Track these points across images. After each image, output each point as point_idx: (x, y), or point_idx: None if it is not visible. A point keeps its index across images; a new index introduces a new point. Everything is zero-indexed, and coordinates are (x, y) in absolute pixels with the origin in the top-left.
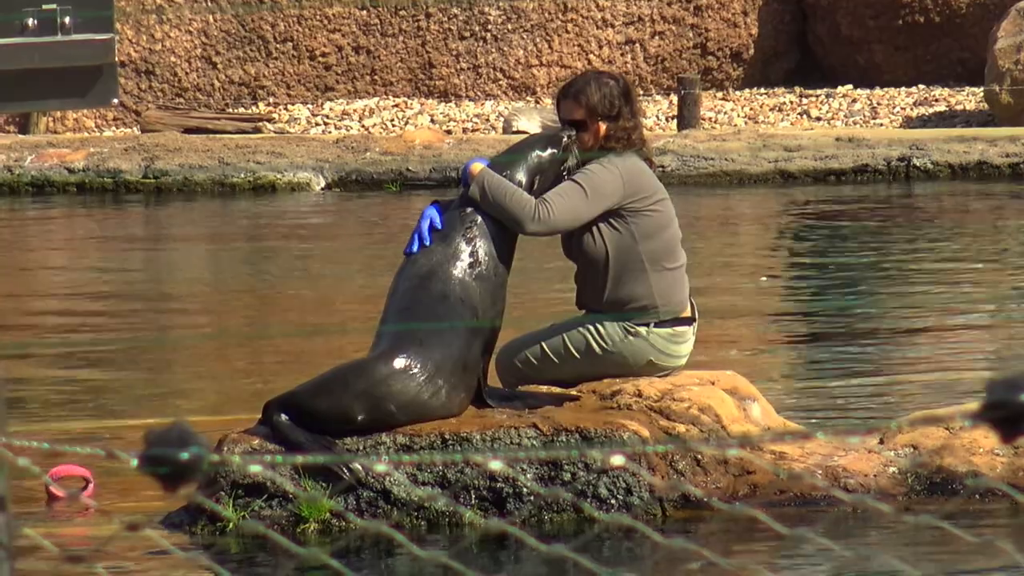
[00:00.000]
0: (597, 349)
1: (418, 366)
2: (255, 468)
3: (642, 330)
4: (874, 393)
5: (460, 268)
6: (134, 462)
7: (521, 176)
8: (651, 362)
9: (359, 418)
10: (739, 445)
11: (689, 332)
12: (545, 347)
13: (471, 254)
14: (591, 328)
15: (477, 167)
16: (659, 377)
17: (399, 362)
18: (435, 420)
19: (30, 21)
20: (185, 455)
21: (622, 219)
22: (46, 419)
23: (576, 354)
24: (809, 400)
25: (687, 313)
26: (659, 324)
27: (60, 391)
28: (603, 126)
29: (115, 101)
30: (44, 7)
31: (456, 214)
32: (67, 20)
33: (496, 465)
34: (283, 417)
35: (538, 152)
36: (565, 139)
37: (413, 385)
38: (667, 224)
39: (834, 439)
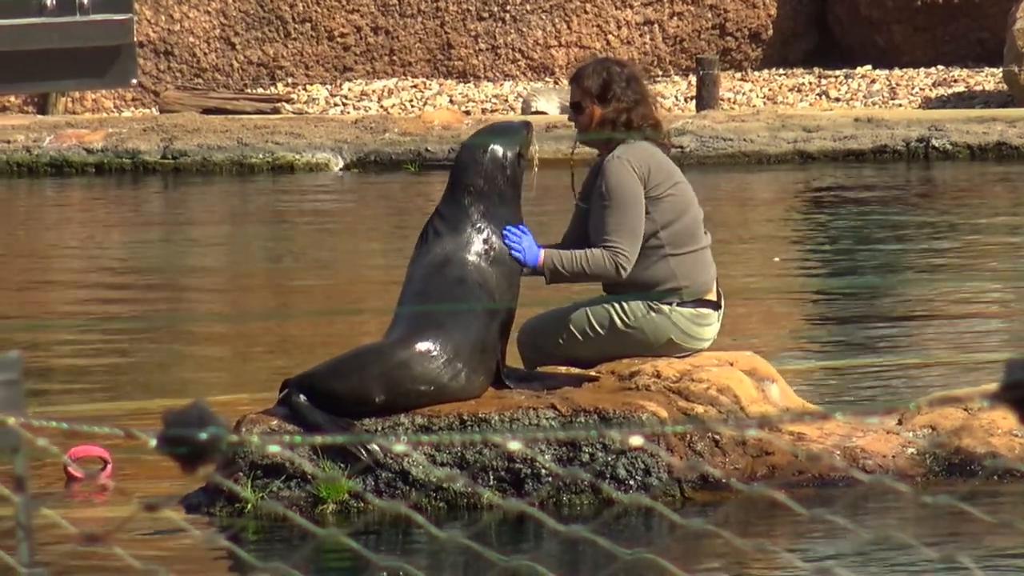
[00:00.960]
0: (620, 324)
1: (438, 349)
2: (274, 448)
3: (665, 308)
4: (892, 374)
5: (474, 253)
6: (153, 442)
7: (509, 202)
8: (672, 341)
9: (377, 400)
10: (758, 426)
11: (713, 316)
12: (568, 323)
13: (484, 240)
14: (615, 304)
15: (542, 257)
16: (678, 358)
17: (420, 345)
18: (455, 402)
19: (48, 1)
20: (204, 435)
21: None
22: (64, 400)
23: (600, 330)
24: (827, 381)
25: (711, 296)
26: (682, 304)
27: (78, 372)
28: (598, 109)
29: (134, 82)
30: None
31: (463, 204)
32: (86, 0)
33: (515, 446)
34: (301, 398)
35: (504, 155)
36: (525, 133)
37: (433, 368)
38: (686, 207)
39: (853, 420)
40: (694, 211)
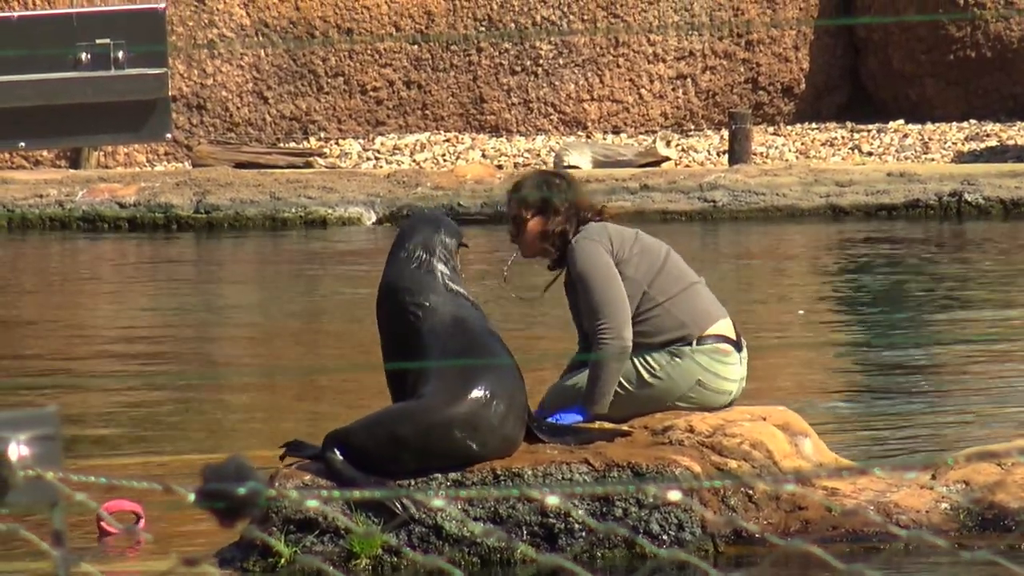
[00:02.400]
0: (647, 376)
1: (475, 403)
2: (312, 503)
3: (685, 350)
4: (925, 429)
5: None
6: (191, 497)
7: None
8: (701, 383)
9: (409, 458)
10: (795, 480)
11: (735, 355)
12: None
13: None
14: (636, 359)
15: (593, 411)
16: (711, 412)
17: (456, 400)
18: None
19: (83, 55)
20: (242, 490)
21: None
22: (98, 455)
23: (628, 387)
24: (860, 436)
25: (722, 330)
26: (700, 342)
27: (112, 426)
28: (539, 223)
29: (169, 136)
30: (98, 41)
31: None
32: (120, 55)
33: (553, 500)
34: (336, 453)
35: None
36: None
37: (470, 422)
38: (658, 254)
39: (891, 474)
40: (669, 256)
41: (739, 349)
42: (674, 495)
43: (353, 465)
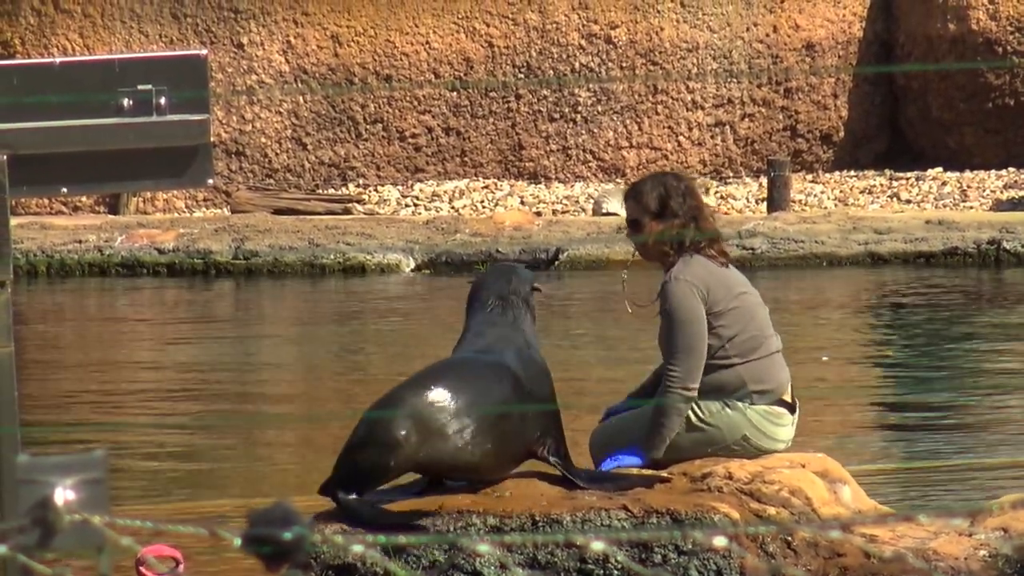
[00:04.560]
0: (695, 420)
1: (448, 400)
2: (357, 548)
3: (740, 404)
4: (963, 476)
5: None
6: (237, 541)
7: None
8: (746, 438)
9: (392, 463)
10: (839, 527)
11: (788, 418)
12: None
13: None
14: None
15: (651, 456)
16: (750, 459)
17: (429, 392)
18: (460, 471)
19: (125, 101)
20: (288, 535)
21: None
22: (140, 499)
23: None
24: (899, 483)
25: (786, 397)
26: (755, 401)
27: (154, 471)
28: (656, 225)
29: (210, 182)
30: (139, 87)
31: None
32: (162, 101)
33: (598, 546)
34: (347, 495)
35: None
36: (528, 271)
37: (439, 417)
38: (751, 317)
39: (935, 521)
40: (760, 319)
41: (792, 411)
42: (719, 541)
43: (367, 499)
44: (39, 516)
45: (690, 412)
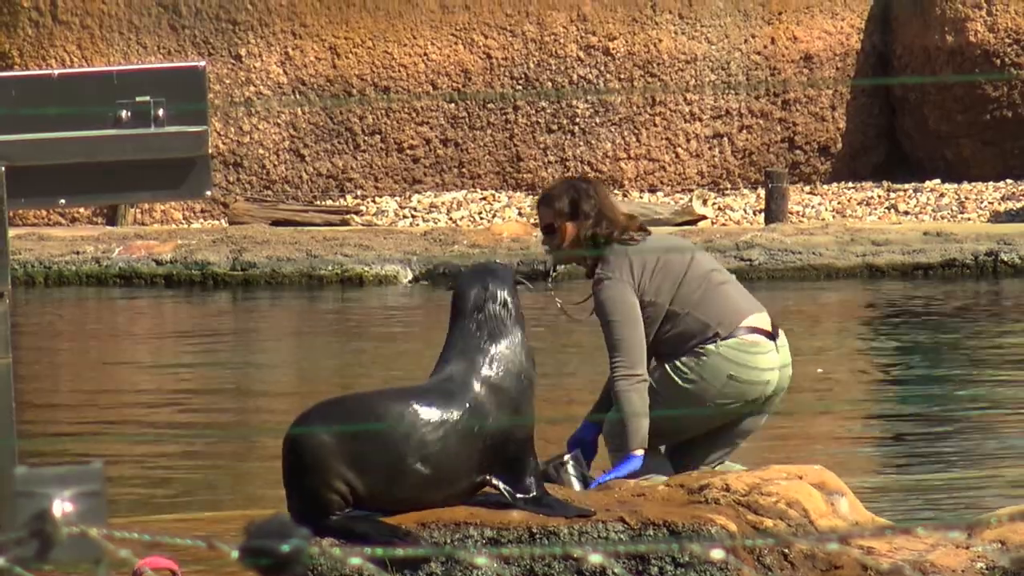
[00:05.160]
0: (680, 382)
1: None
2: (355, 560)
3: (710, 348)
4: (960, 488)
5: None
6: (235, 554)
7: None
8: (732, 376)
9: (339, 485)
10: (837, 539)
11: (768, 344)
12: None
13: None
14: (664, 366)
15: (637, 450)
16: (758, 404)
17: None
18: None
19: (123, 113)
20: (286, 547)
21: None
22: (136, 511)
23: (662, 393)
24: (896, 495)
25: (753, 323)
26: (725, 338)
27: (150, 484)
28: (570, 227)
29: (208, 193)
30: (138, 99)
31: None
32: (160, 112)
33: (596, 558)
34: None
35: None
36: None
37: (389, 439)
38: (680, 268)
39: (933, 533)
40: (694, 267)
41: (773, 338)
42: (717, 553)
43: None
44: (37, 528)
45: (672, 376)
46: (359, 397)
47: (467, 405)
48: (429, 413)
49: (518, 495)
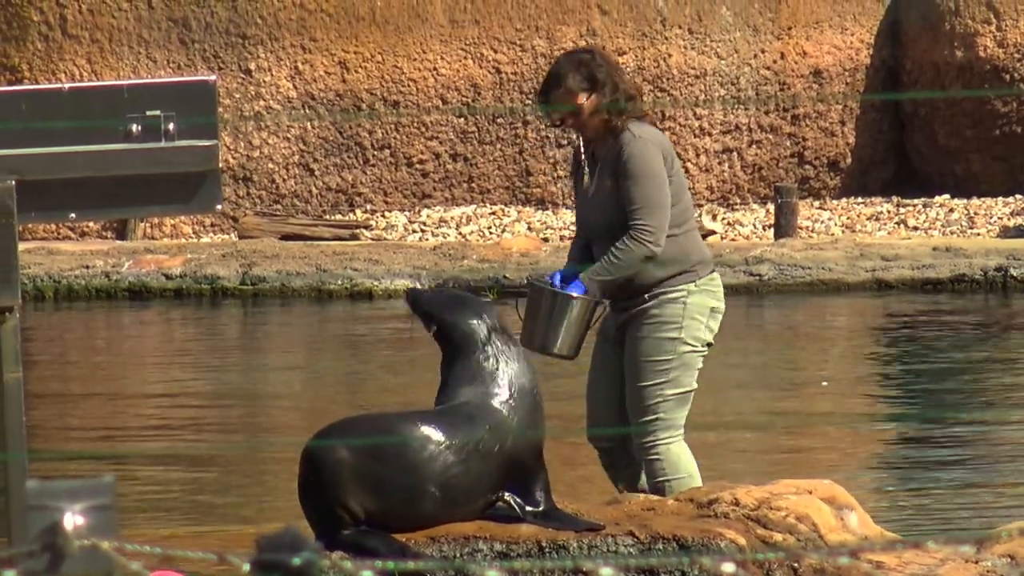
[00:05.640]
0: (681, 343)
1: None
2: (367, 574)
3: (690, 287)
4: (970, 502)
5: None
6: (246, 567)
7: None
8: (714, 309)
9: (352, 504)
10: (846, 554)
11: (718, 278)
12: (650, 392)
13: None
14: (657, 331)
15: (593, 287)
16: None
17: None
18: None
19: (134, 127)
20: (297, 560)
21: None
22: (147, 525)
23: (670, 358)
24: (905, 509)
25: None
26: (701, 276)
27: (160, 496)
28: (594, 98)
29: (218, 208)
30: (148, 113)
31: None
32: (171, 126)
33: (606, 572)
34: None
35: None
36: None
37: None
38: (684, 186)
39: (943, 548)
40: (688, 192)
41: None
42: (726, 567)
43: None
44: (48, 541)
45: (666, 337)
46: (380, 417)
47: (487, 426)
48: (453, 436)
49: (528, 509)
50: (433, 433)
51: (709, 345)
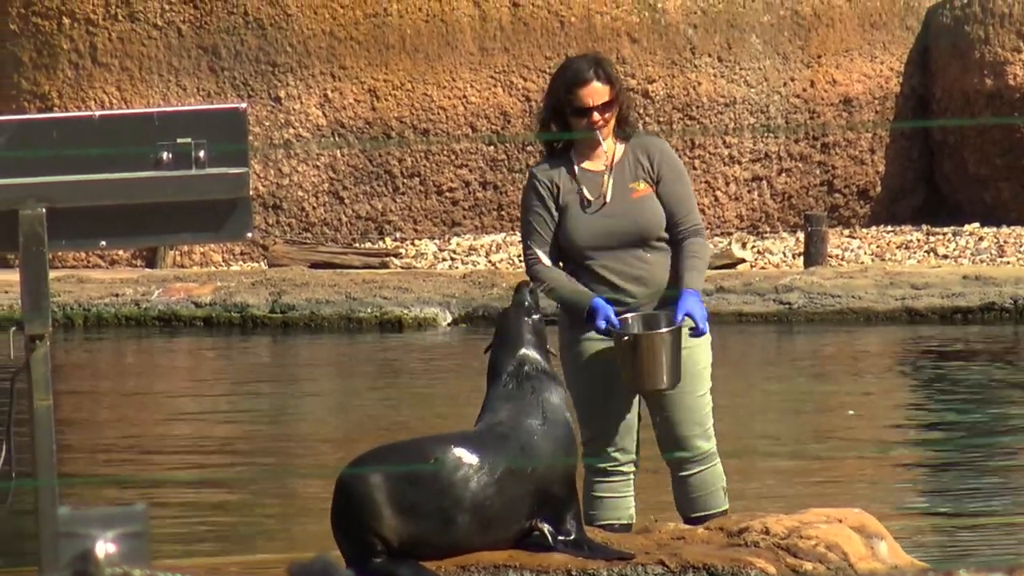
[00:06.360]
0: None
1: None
2: None
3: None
4: (1000, 531)
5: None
6: None
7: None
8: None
9: (386, 532)
10: None
11: None
12: (707, 400)
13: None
14: (705, 343)
15: (694, 291)
16: None
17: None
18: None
19: (164, 155)
20: None
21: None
22: (179, 553)
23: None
24: (936, 538)
25: None
26: None
27: (190, 525)
28: (622, 97)
29: (249, 235)
30: (179, 141)
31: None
32: (201, 154)
33: None
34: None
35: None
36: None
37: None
38: None
39: None
40: None
41: None
42: None
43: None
44: (80, 569)
45: (700, 347)
46: (413, 443)
47: (520, 448)
48: (486, 457)
49: (559, 537)
50: (466, 455)
51: None
